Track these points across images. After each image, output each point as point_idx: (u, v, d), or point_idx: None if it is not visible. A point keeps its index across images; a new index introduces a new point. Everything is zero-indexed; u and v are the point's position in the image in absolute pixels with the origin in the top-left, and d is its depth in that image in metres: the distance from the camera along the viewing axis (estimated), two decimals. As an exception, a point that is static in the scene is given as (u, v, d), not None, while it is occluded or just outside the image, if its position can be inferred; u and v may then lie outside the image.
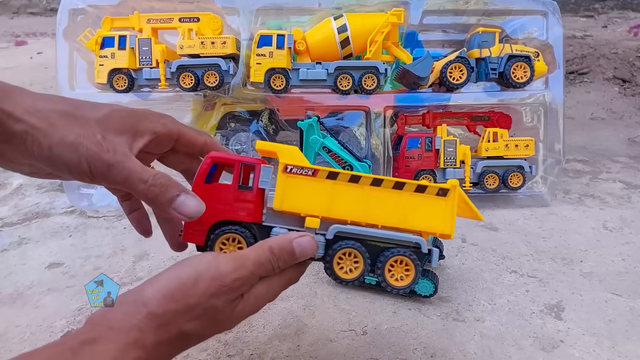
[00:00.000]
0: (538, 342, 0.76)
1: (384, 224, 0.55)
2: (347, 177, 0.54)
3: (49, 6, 4.17)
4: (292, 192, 0.54)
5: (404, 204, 0.54)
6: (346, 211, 0.54)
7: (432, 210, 0.54)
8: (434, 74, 1.20)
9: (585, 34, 2.77)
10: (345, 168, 0.96)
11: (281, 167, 0.53)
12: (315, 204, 0.54)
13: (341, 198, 0.54)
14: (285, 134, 1.36)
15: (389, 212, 0.54)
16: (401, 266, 0.56)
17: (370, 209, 0.54)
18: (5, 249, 1.04)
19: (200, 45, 1.16)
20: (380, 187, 0.54)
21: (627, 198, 1.28)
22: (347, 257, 0.55)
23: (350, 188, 0.54)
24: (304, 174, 0.53)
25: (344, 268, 0.55)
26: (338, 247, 0.54)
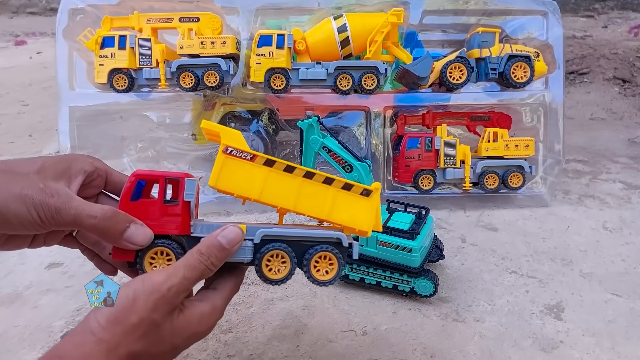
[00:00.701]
0: (538, 342, 0.75)
1: (310, 214, 0.58)
2: (283, 167, 0.56)
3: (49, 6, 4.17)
4: (229, 173, 0.55)
5: (331, 199, 0.58)
6: (278, 198, 0.57)
7: (355, 207, 0.58)
8: (434, 74, 1.20)
9: (585, 34, 2.77)
10: (345, 168, 0.96)
11: (222, 147, 0.55)
12: (249, 187, 0.56)
13: (275, 185, 0.56)
14: (285, 133, 1.36)
15: (317, 204, 0.57)
16: (325, 261, 0.59)
17: (300, 199, 0.57)
18: (4, 248, 1.04)
19: (200, 45, 1.16)
20: (311, 180, 0.57)
21: (627, 199, 1.28)
22: (275, 259, 0.57)
23: (284, 177, 0.57)
24: (243, 157, 0.56)
25: (273, 269, 0.57)
26: (266, 249, 0.56)
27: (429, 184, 1.21)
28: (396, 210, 0.94)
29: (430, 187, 1.21)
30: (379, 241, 0.84)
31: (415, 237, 0.83)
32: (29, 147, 1.61)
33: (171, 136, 1.36)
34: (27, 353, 0.74)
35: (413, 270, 0.83)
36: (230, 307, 0.83)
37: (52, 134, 1.68)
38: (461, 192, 1.24)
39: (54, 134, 1.58)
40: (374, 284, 0.87)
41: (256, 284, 0.90)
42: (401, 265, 0.83)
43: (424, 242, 0.84)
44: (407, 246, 0.82)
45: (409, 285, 0.84)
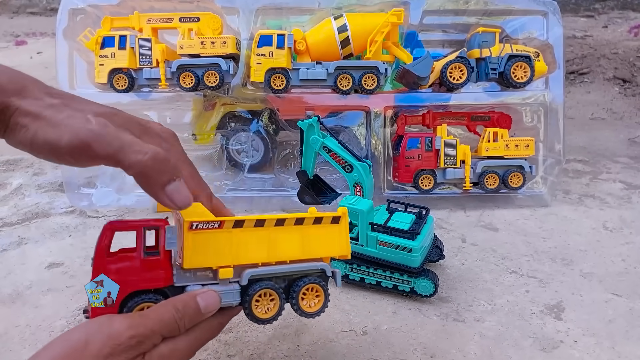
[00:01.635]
0: (538, 342, 0.76)
1: (291, 259, 0.57)
2: (253, 223, 0.55)
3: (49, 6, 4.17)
4: (201, 248, 0.53)
5: (307, 236, 0.58)
6: (255, 255, 0.56)
7: (329, 237, 0.59)
8: (434, 74, 1.20)
9: (585, 34, 2.77)
10: (345, 168, 0.96)
11: (186, 225, 0.52)
12: (225, 254, 0.54)
13: (249, 243, 0.55)
14: (285, 133, 1.36)
15: (293, 246, 0.57)
16: (312, 293, 0.60)
17: (277, 248, 0.56)
18: (4, 249, 1.04)
19: (200, 45, 1.16)
20: (283, 226, 0.57)
21: (627, 198, 1.28)
22: (264, 298, 0.57)
23: (256, 232, 0.55)
24: (211, 228, 0.53)
25: (261, 308, 0.57)
26: (253, 290, 0.55)
27: (429, 184, 1.21)
28: (396, 210, 0.94)
29: (431, 187, 1.21)
30: (379, 241, 0.84)
31: (416, 237, 0.83)
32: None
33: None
34: (27, 353, 0.74)
35: (413, 270, 0.83)
36: (231, 307, 0.83)
37: (52, 134, 1.68)
38: (461, 192, 1.24)
39: (55, 134, 1.58)
40: (374, 283, 0.87)
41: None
42: (401, 265, 0.83)
43: (424, 242, 0.84)
44: (407, 246, 0.82)
45: (409, 285, 0.84)
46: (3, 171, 1.45)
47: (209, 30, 1.19)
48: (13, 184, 1.36)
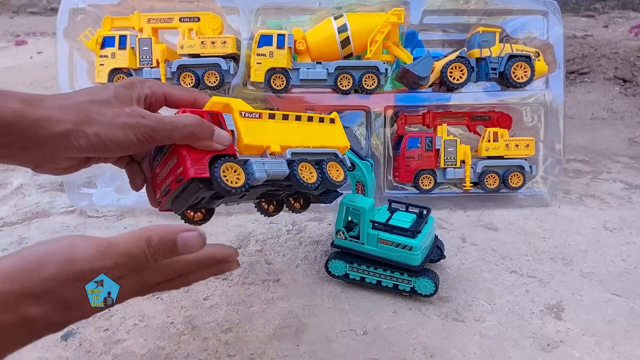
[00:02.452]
0: (538, 342, 0.76)
1: (312, 145, 0.71)
2: (280, 116, 0.69)
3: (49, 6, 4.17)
4: (250, 131, 0.63)
5: (316, 130, 0.73)
6: (289, 139, 0.68)
7: (332, 133, 0.75)
8: (434, 73, 1.20)
9: (585, 34, 2.77)
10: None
11: (237, 113, 0.63)
12: (267, 136, 0.66)
13: (280, 132, 0.68)
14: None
15: (312, 136, 0.71)
16: (334, 168, 0.73)
17: (302, 136, 0.70)
18: (5, 248, 1.04)
19: (200, 45, 1.16)
20: (300, 121, 0.71)
21: (628, 198, 1.28)
22: (305, 169, 0.68)
23: (283, 123, 0.69)
24: (254, 117, 0.65)
25: (305, 175, 0.68)
26: (298, 161, 0.67)
27: (429, 184, 1.21)
28: (397, 210, 0.94)
29: (431, 187, 1.21)
30: (379, 239, 0.84)
31: (416, 235, 0.83)
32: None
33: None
34: (28, 353, 0.74)
35: (413, 269, 0.83)
36: (231, 307, 0.84)
37: (52, 134, 1.68)
38: (461, 191, 1.24)
39: (55, 134, 1.59)
40: (374, 283, 0.87)
41: (256, 284, 0.90)
42: (401, 263, 0.83)
43: (424, 241, 0.84)
44: (408, 244, 0.82)
45: (410, 285, 0.84)
46: (3, 171, 1.45)
47: (209, 30, 1.19)
48: (13, 183, 1.36)
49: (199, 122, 0.55)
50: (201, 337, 0.77)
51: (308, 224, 1.14)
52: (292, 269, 0.95)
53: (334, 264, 0.89)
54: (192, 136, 0.55)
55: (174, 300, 0.85)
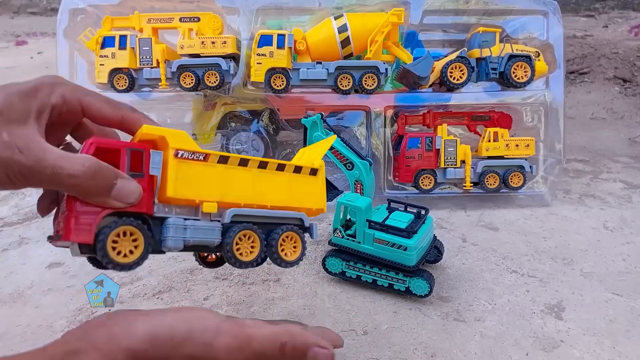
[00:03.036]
0: (538, 342, 0.76)
1: (272, 204, 0.57)
2: (237, 161, 0.54)
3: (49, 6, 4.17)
4: (184, 177, 0.50)
5: (287, 184, 0.58)
6: (239, 195, 0.54)
7: (308, 188, 0.59)
8: (435, 73, 1.20)
9: (585, 34, 2.77)
10: (347, 165, 0.96)
11: (171, 152, 0.49)
12: (209, 189, 0.52)
13: (233, 182, 0.54)
14: (285, 133, 1.36)
15: (275, 192, 0.57)
16: (290, 242, 0.59)
17: (260, 191, 0.56)
18: (5, 248, 1.04)
19: (200, 45, 1.16)
20: (266, 169, 0.56)
21: (628, 198, 1.28)
22: (245, 240, 0.55)
23: (240, 171, 0.54)
24: (195, 159, 0.51)
25: (242, 250, 0.55)
26: (234, 231, 0.53)
27: (429, 184, 1.21)
28: (396, 210, 0.94)
29: (431, 186, 1.21)
30: (375, 238, 0.84)
31: (412, 235, 0.83)
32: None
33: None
34: (28, 352, 0.74)
35: (408, 269, 0.83)
36: (231, 307, 0.84)
37: (53, 134, 1.68)
38: (462, 191, 1.24)
39: (55, 134, 1.59)
40: (370, 281, 0.87)
41: (257, 284, 0.90)
42: (397, 263, 0.83)
43: (420, 242, 0.84)
44: (403, 244, 0.82)
45: (404, 285, 0.84)
46: (4, 171, 1.45)
47: (209, 30, 1.19)
48: (14, 184, 1.36)
49: (91, 172, 0.43)
50: (202, 337, 0.77)
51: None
52: (292, 269, 0.95)
53: (331, 261, 0.89)
54: (78, 189, 0.43)
55: (175, 300, 0.85)
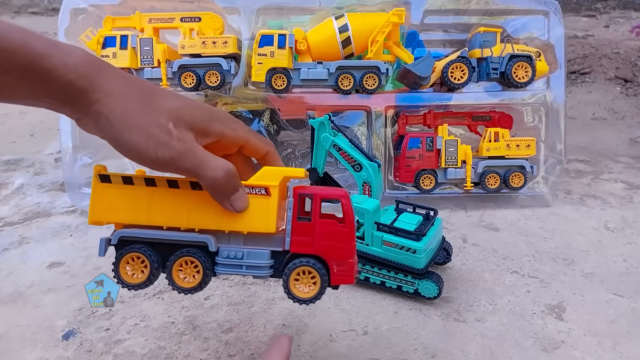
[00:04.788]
0: (539, 342, 0.75)
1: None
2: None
3: (50, 6, 4.17)
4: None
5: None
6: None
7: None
8: (435, 73, 1.20)
9: (586, 34, 2.77)
10: (355, 167, 0.96)
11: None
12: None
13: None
14: (286, 133, 1.36)
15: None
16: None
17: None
18: (6, 248, 1.04)
19: (201, 45, 1.16)
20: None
21: (629, 198, 1.28)
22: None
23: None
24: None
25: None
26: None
27: (430, 184, 1.21)
28: (404, 211, 0.94)
29: (432, 187, 1.21)
30: (384, 241, 0.84)
31: (421, 238, 0.83)
32: (31, 147, 1.61)
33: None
34: (29, 352, 0.74)
35: (417, 272, 0.83)
36: (231, 307, 0.84)
37: (53, 134, 1.68)
38: (462, 192, 1.24)
39: (56, 134, 1.59)
40: (378, 283, 0.87)
41: (257, 284, 0.90)
42: (405, 266, 0.83)
43: (429, 244, 0.84)
44: (412, 247, 0.82)
45: (413, 287, 0.84)
46: (4, 171, 1.45)
47: (210, 30, 1.19)
48: (14, 183, 1.36)
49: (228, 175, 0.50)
50: (202, 337, 0.77)
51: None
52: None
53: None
54: (211, 183, 0.50)
55: (175, 300, 0.85)
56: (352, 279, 0.54)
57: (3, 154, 1.55)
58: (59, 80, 0.45)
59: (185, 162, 0.48)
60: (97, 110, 0.46)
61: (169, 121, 0.48)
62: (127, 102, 0.47)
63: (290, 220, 0.54)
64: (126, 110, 0.47)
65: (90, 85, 0.46)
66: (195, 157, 0.48)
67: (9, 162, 1.49)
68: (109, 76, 0.48)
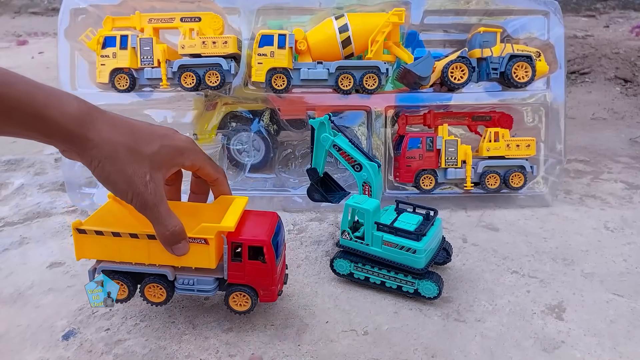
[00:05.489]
0: (539, 342, 0.75)
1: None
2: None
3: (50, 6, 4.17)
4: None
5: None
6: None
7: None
8: (435, 73, 1.20)
9: (586, 34, 2.77)
10: (355, 167, 0.96)
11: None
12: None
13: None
14: (286, 133, 1.36)
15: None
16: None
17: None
18: (6, 248, 1.04)
19: (201, 45, 1.16)
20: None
21: (629, 198, 1.28)
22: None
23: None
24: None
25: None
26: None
27: (430, 184, 1.21)
28: (404, 211, 0.94)
29: (432, 187, 1.21)
30: (384, 241, 0.84)
31: (421, 238, 0.83)
32: (31, 147, 1.61)
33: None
34: (29, 353, 0.74)
35: (417, 272, 0.83)
36: (232, 307, 0.84)
37: (53, 134, 1.68)
38: (462, 192, 1.24)
39: (56, 134, 1.59)
40: (378, 283, 0.87)
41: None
42: (405, 266, 0.83)
43: (429, 244, 0.84)
44: (412, 247, 0.82)
45: (413, 287, 0.84)
46: (4, 171, 1.45)
47: (210, 30, 1.19)
48: (15, 183, 1.37)
49: (176, 233, 0.65)
50: (202, 337, 0.77)
51: (309, 224, 1.14)
52: (293, 269, 0.95)
53: (339, 262, 0.89)
54: (160, 233, 0.65)
55: (174, 301, 0.85)
56: (275, 298, 0.76)
57: (3, 154, 1.55)
58: (59, 127, 0.55)
59: (149, 213, 0.63)
60: (92, 154, 0.58)
61: (146, 173, 0.61)
62: (118, 152, 0.59)
63: (226, 260, 0.72)
64: (116, 160, 0.59)
65: (86, 133, 0.57)
66: (157, 212, 0.63)
67: (9, 162, 1.49)
68: (101, 124, 0.59)
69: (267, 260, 0.72)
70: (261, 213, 0.82)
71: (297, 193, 1.22)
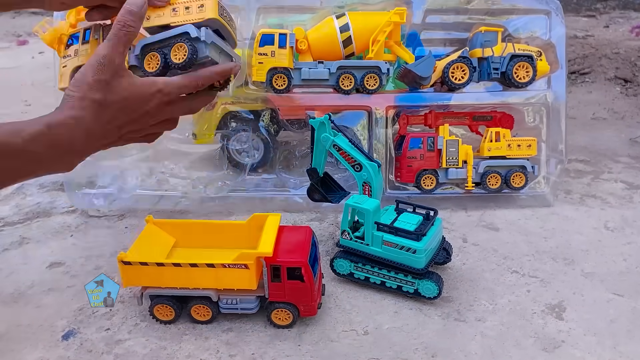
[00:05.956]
0: (539, 342, 0.75)
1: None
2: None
3: (51, 5, 4.17)
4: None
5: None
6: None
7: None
8: (436, 73, 1.20)
9: (587, 34, 2.77)
10: (355, 167, 0.96)
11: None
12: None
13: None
14: (286, 133, 1.36)
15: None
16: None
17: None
18: (6, 248, 1.04)
19: (171, 13, 0.78)
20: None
21: (629, 198, 1.28)
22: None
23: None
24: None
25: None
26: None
27: (431, 184, 1.21)
28: (404, 211, 0.94)
29: (433, 187, 1.21)
30: (384, 241, 0.84)
31: (421, 238, 0.83)
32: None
33: (172, 136, 1.36)
34: (29, 352, 0.74)
35: (417, 272, 0.83)
36: (232, 307, 0.84)
37: (54, 134, 1.68)
38: (463, 192, 1.24)
39: (56, 134, 1.58)
40: (378, 283, 0.87)
41: (258, 284, 0.90)
42: (405, 266, 0.83)
43: (429, 244, 0.84)
44: (412, 247, 0.82)
45: (413, 287, 0.84)
46: (5, 171, 1.44)
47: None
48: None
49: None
50: (203, 337, 0.77)
51: (309, 224, 1.14)
52: (293, 268, 0.95)
53: (339, 262, 0.89)
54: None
55: (176, 300, 0.85)
56: (315, 312, 0.79)
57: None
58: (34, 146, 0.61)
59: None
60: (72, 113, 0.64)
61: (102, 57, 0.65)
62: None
63: (266, 281, 0.77)
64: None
65: (59, 116, 0.64)
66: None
67: (9, 161, 1.49)
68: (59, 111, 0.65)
69: (306, 280, 0.75)
70: (295, 228, 0.85)
71: (298, 193, 1.22)
